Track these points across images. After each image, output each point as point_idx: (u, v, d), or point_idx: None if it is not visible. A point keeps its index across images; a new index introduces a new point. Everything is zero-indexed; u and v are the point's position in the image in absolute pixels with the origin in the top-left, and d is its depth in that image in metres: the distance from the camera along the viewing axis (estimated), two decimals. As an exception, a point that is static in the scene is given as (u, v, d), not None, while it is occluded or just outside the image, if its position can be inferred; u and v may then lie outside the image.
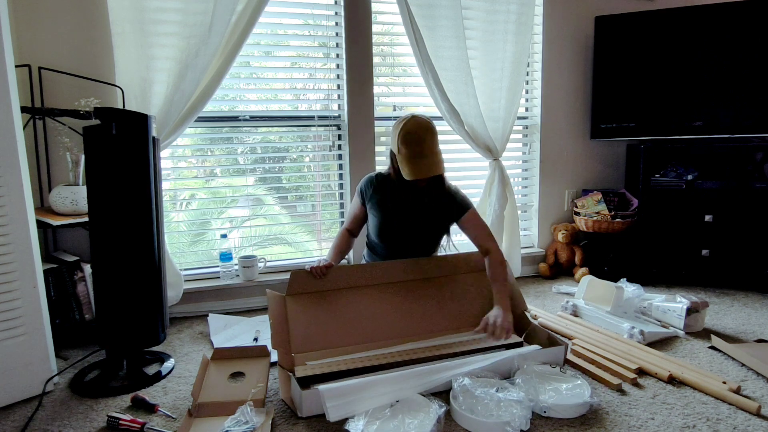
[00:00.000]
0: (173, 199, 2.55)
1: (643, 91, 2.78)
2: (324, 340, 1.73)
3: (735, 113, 2.63)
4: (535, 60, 2.96)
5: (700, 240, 2.69)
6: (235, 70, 2.47)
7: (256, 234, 3.14)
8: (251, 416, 1.38)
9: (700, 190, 2.67)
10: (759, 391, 1.62)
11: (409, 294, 1.95)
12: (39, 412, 1.53)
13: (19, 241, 1.56)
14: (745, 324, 2.19)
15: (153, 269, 1.73)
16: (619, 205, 2.94)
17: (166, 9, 2.09)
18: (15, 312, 1.56)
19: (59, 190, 1.95)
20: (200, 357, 1.79)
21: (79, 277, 2.01)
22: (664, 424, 1.44)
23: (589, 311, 2.22)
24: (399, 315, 1.88)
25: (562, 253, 2.95)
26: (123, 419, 1.43)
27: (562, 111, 3.01)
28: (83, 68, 2.12)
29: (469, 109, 2.62)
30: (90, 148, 1.63)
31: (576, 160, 3.09)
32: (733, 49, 2.60)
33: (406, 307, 1.88)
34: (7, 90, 1.51)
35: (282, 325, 1.74)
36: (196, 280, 2.44)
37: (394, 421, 1.37)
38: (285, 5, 2.48)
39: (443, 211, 1.99)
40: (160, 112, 2.13)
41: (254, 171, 2.67)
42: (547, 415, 1.46)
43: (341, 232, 2.11)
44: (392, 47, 2.72)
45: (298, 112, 2.61)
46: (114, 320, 1.69)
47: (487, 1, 2.62)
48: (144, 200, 1.68)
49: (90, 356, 1.91)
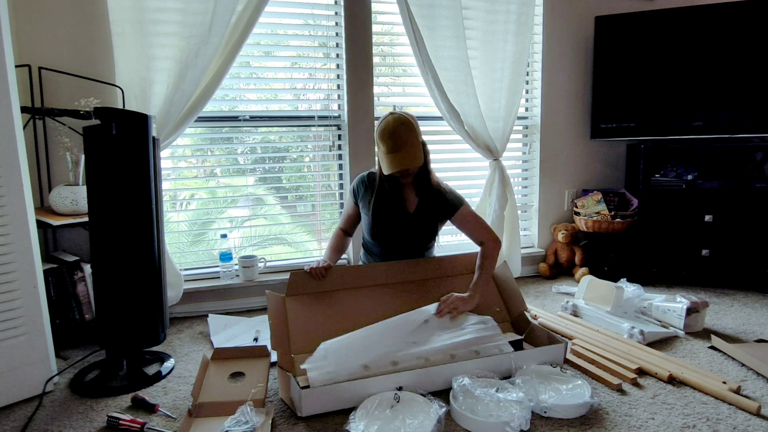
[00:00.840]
0: (173, 199, 2.55)
1: (643, 91, 2.79)
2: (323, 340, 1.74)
3: (735, 113, 2.63)
4: (535, 60, 2.96)
5: (700, 240, 2.69)
6: (235, 70, 2.47)
7: (256, 234, 3.14)
8: (251, 416, 1.38)
9: (700, 190, 2.67)
10: (759, 391, 1.62)
11: (408, 296, 1.94)
12: (39, 412, 1.53)
13: (19, 241, 1.56)
14: (745, 324, 2.19)
15: (153, 269, 1.73)
16: (619, 205, 2.94)
17: (166, 9, 2.09)
18: (15, 312, 1.56)
19: (59, 190, 1.95)
20: (200, 357, 1.78)
21: (79, 277, 2.01)
22: (664, 424, 1.44)
23: (589, 311, 2.22)
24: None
25: (562, 253, 2.95)
26: (123, 419, 1.43)
27: (562, 111, 3.01)
28: (83, 68, 2.12)
29: (469, 109, 2.62)
30: (90, 148, 1.63)
31: (576, 160, 3.09)
32: (733, 49, 2.60)
33: (405, 309, 1.88)
34: (7, 90, 1.51)
35: (281, 326, 1.74)
36: (196, 280, 2.44)
37: (395, 422, 1.37)
38: (285, 5, 2.48)
39: (434, 209, 1.99)
40: (160, 112, 2.13)
41: (254, 171, 2.67)
42: (547, 415, 1.46)
43: (336, 232, 2.13)
44: (392, 47, 2.72)
45: (298, 112, 2.61)
46: (114, 320, 1.69)
47: (487, 1, 2.62)
48: (144, 200, 1.68)
49: (90, 356, 1.91)
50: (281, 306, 1.79)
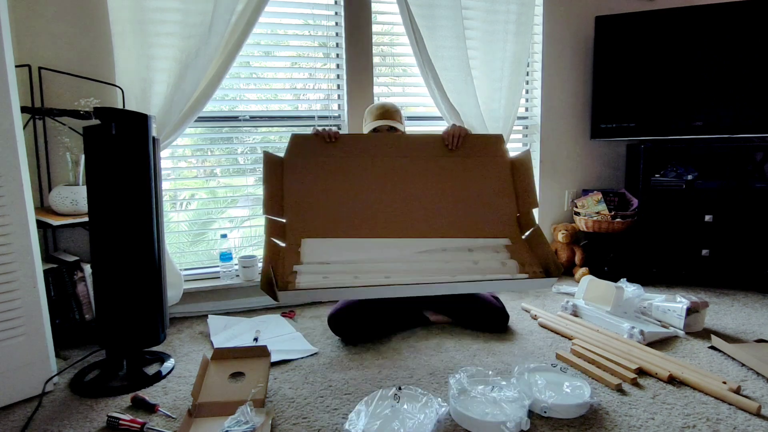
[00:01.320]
0: (173, 199, 2.55)
1: (643, 91, 2.78)
2: (321, 215, 1.60)
3: (735, 113, 2.63)
4: (535, 60, 2.96)
5: (700, 240, 2.69)
6: (235, 70, 2.47)
7: (256, 234, 3.14)
8: (251, 416, 1.38)
9: (700, 190, 2.67)
10: (759, 391, 1.62)
11: (427, 176, 1.78)
12: (39, 412, 1.53)
13: (19, 241, 1.56)
14: (745, 324, 2.19)
15: (153, 269, 1.73)
16: (619, 205, 2.94)
17: (166, 9, 2.09)
18: (15, 312, 1.56)
19: (59, 190, 1.95)
20: (200, 357, 1.78)
21: (79, 277, 2.01)
22: (664, 424, 1.44)
23: (589, 311, 2.22)
24: (410, 206, 1.73)
25: (562, 253, 2.95)
26: (123, 419, 1.43)
27: (562, 111, 3.01)
28: (83, 68, 2.12)
29: (469, 109, 2.62)
30: (90, 148, 1.63)
31: (576, 160, 3.09)
32: (733, 49, 2.60)
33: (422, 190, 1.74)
34: (7, 90, 1.51)
35: (276, 191, 1.58)
36: (196, 280, 2.44)
37: (395, 421, 1.37)
38: (285, 5, 2.48)
39: None
40: (160, 112, 2.13)
41: (254, 171, 2.67)
42: (547, 415, 1.46)
43: None
44: (392, 47, 2.72)
45: (298, 112, 2.61)
46: (114, 320, 1.69)
47: (487, 1, 2.62)
48: (144, 200, 1.68)
49: (90, 356, 1.91)
50: (278, 169, 1.62)
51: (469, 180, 1.83)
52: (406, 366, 1.79)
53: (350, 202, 1.66)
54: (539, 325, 2.18)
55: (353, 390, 1.62)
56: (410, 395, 1.49)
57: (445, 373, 1.71)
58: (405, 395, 1.48)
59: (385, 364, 1.80)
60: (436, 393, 1.57)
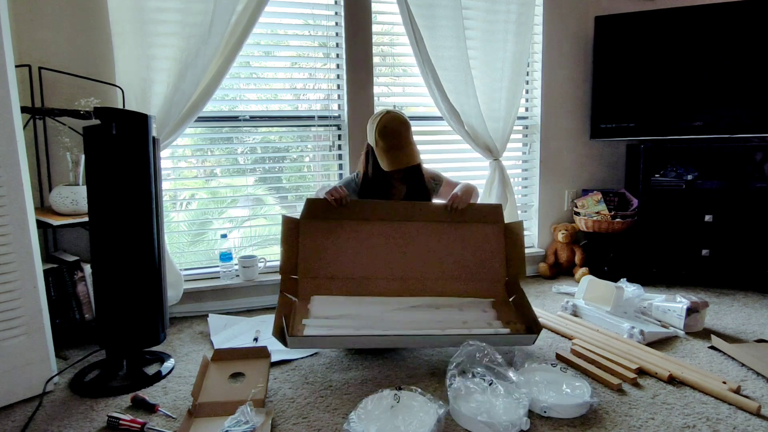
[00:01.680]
0: (173, 199, 2.55)
1: (643, 91, 2.78)
2: (333, 269, 1.81)
3: (735, 113, 2.63)
4: (535, 60, 2.96)
5: (700, 240, 2.69)
6: (235, 70, 2.47)
7: (256, 234, 3.14)
8: (251, 416, 1.38)
9: (700, 190, 2.67)
10: (759, 391, 1.62)
11: (426, 239, 1.98)
12: (39, 412, 1.53)
13: (19, 241, 1.56)
14: (745, 324, 2.19)
15: (153, 269, 1.73)
16: (619, 205, 2.94)
17: (166, 9, 2.09)
18: (15, 312, 1.56)
19: (59, 190, 1.95)
20: (200, 357, 1.79)
21: (79, 277, 2.01)
22: (664, 424, 1.44)
23: (589, 311, 2.23)
24: (409, 259, 1.94)
25: (562, 253, 2.96)
26: (123, 419, 1.43)
27: (562, 111, 3.01)
28: (83, 68, 2.12)
29: (469, 109, 2.62)
30: (90, 148, 1.63)
31: (576, 160, 3.09)
32: (733, 49, 2.60)
33: (421, 252, 1.94)
34: (7, 90, 1.51)
35: (292, 253, 1.79)
36: (196, 280, 2.44)
37: (395, 421, 1.37)
38: (285, 5, 2.48)
39: (420, 195, 2.10)
40: (160, 112, 2.13)
41: (254, 171, 2.67)
42: (547, 415, 1.46)
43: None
44: (392, 47, 2.72)
45: (298, 112, 2.61)
46: (114, 320, 1.69)
47: (487, 1, 2.62)
48: (144, 200, 1.68)
49: (90, 356, 1.91)
50: (294, 231, 1.84)
51: (466, 245, 2.02)
52: (406, 366, 1.79)
53: (356, 262, 1.89)
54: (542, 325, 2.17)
55: (353, 390, 1.63)
56: (410, 395, 1.49)
57: (445, 373, 1.71)
58: (405, 395, 1.48)
59: (385, 364, 1.81)
60: (436, 393, 1.57)
